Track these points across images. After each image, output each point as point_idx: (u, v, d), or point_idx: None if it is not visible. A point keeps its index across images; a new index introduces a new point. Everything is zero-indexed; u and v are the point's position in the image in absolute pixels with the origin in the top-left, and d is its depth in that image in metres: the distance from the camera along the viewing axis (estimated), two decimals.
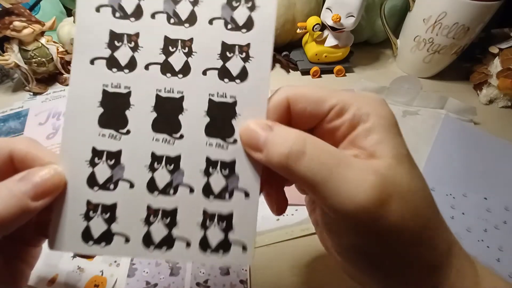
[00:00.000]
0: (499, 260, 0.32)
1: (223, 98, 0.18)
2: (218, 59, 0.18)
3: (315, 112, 0.17)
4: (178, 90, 0.17)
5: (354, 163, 0.15)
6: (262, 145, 0.16)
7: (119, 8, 0.17)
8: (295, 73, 0.56)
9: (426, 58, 0.53)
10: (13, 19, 0.41)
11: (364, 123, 0.16)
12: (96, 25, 0.17)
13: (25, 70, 0.45)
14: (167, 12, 0.17)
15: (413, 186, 0.16)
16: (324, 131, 0.18)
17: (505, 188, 0.38)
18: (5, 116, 0.44)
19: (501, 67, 0.48)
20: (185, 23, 0.17)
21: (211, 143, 0.17)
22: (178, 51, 0.17)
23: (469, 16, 0.45)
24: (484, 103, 0.52)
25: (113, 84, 0.17)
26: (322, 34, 0.52)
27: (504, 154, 0.42)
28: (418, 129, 0.46)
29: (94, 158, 0.17)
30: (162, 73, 0.17)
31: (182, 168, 0.17)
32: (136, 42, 0.17)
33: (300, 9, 0.53)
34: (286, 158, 0.15)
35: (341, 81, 0.55)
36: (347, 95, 0.17)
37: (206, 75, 0.17)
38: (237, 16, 0.18)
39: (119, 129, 0.17)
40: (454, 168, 0.40)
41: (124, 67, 0.17)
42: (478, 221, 0.35)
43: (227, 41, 0.18)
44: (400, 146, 0.16)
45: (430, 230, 0.16)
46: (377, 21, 0.57)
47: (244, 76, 0.18)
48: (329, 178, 0.15)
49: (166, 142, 0.17)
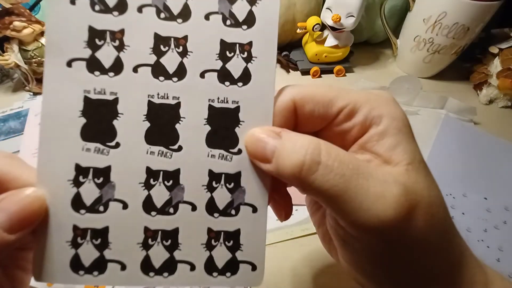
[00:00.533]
0: (499, 260, 0.32)
1: (225, 104, 0.16)
2: (217, 59, 0.16)
3: (323, 115, 0.16)
4: (174, 96, 0.15)
5: (374, 173, 0.14)
6: (271, 155, 0.15)
7: (99, 0, 0.15)
8: (295, 73, 0.56)
9: (426, 58, 0.53)
10: (13, 19, 0.41)
11: (377, 125, 0.15)
12: (72, 20, 0.14)
13: (25, 70, 0.45)
14: (156, 5, 0.15)
15: (432, 194, 0.15)
16: (332, 133, 0.17)
17: (505, 188, 0.38)
18: (5, 116, 0.44)
19: (501, 67, 0.48)
20: (178, 18, 0.15)
21: (214, 155, 0.16)
22: (171, 51, 0.15)
23: (469, 16, 0.45)
24: (484, 103, 0.52)
25: (96, 90, 0.15)
26: (322, 34, 0.52)
27: (504, 154, 0.42)
28: (418, 129, 0.45)
29: (78, 176, 0.15)
30: (154, 77, 0.15)
31: (182, 183, 0.16)
32: (121, 40, 0.15)
33: (300, 9, 0.53)
34: (299, 169, 0.14)
35: (341, 81, 0.55)
36: (357, 94, 0.16)
37: (204, 78, 0.16)
38: (236, 10, 0.16)
39: (106, 142, 0.15)
40: (454, 168, 0.40)
41: (108, 69, 0.15)
42: (478, 221, 0.35)
43: (226, 39, 0.16)
44: (415, 151, 0.15)
45: (446, 238, 0.15)
46: (377, 21, 0.57)
47: (247, 79, 0.16)
48: (348, 191, 0.13)
49: (163, 155, 0.15)
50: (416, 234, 0.14)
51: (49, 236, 0.15)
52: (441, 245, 0.15)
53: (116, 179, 0.15)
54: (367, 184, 0.14)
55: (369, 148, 0.15)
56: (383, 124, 0.15)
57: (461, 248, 0.16)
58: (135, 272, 0.15)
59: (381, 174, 0.14)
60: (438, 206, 0.15)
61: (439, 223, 0.15)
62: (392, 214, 0.13)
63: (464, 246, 0.17)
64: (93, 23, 0.15)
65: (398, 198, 0.13)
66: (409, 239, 0.14)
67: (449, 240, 0.16)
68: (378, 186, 0.14)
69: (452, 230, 0.16)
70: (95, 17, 0.15)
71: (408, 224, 0.14)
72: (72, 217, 0.15)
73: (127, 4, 0.15)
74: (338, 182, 0.13)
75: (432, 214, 0.14)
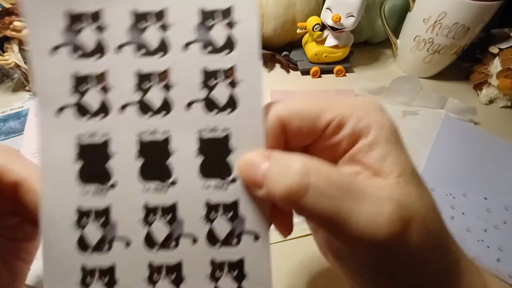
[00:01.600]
0: (499, 260, 0.32)
1: (214, 133, 0.15)
2: (201, 89, 0.15)
3: (311, 130, 0.16)
4: (162, 131, 0.15)
5: (366, 190, 0.14)
6: (261, 180, 0.14)
7: (77, 46, 0.15)
8: (295, 73, 0.56)
9: (426, 58, 0.53)
10: (13, 19, 0.41)
11: (366, 137, 0.15)
12: (54, 70, 0.15)
13: (25, 70, 0.45)
14: (133, 42, 0.15)
15: (425, 205, 0.15)
16: (322, 147, 0.16)
17: (505, 188, 0.38)
18: (5, 116, 0.44)
19: (501, 67, 0.48)
20: (157, 52, 0.15)
21: (209, 185, 0.16)
22: (155, 86, 0.15)
23: (469, 16, 0.45)
24: (484, 103, 0.52)
25: (87, 134, 0.15)
26: (322, 34, 0.52)
27: (504, 154, 0.42)
28: (418, 129, 0.46)
29: (80, 219, 0.15)
30: (141, 114, 0.15)
31: (180, 217, 0.16)
32: (105, 82, 0.15)
33: (300, 9, 0.53)
34: (288, 193, 0.13)
35: (341, 81, 0.55)
36: (344, 105, 0.16)
37: (191, 109, 0.15)
38: (215, 36, 0.15)
39: (103, 183, 0.15)
40: (454, 168, 0.40)
41: (96, 112, 0.15)
42: (478, 221, 0.35)
43: (208, 66, 0.15)
44: (406, 161, 0.15)
45: (441, 250, 0.15)
46: (377, 21, 0.57)
47: (234, 105, 0.15)
48: (341, 213, 0.13)
49: (158, 191, 0.15)
50: (411, 249, 0.14)
51: (59, 280, 0.15)
52: (437, 257, 0.15)
53: (117, 218, 0.15)
54: (360, 204, 0.13)
55: (359, 159, 0.15)
56: (372, 135, 0.15)
57: (457, 256, 0.16)
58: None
59: (372, 191, 0.14)
60: (432, 217, 0.15)
61: (433, 235, 0.15)
62: (386, 233, 0.13)
63: (459, 253, 0.16)
64: (75, 70, 0.15)
65: (391, 216, 0.13)
66: (404, 255, 0.14)
67: (445, 251, 0.15)
68: (370, 205, 0.13)
69: (447, 238, 0.16)
70: (76, 64, 0.15)
71: (403, 241, 0.13)
72: (79, 259, 0.15)
73: (105, 45, 0.15)
74: (330, 204, 0.13)
75: (426, 227, 0.14)
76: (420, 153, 0.42)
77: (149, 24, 0.15)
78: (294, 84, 0.54)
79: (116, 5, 0.15)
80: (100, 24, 0.15)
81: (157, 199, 0.15)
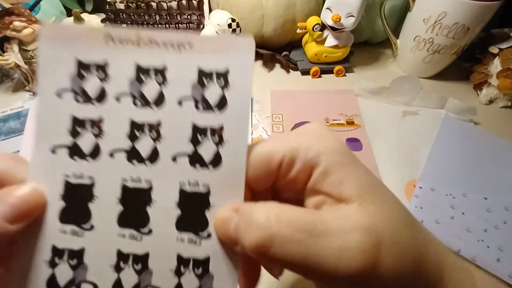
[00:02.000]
0: (499, 260, 0.32)
1: (195, 187, 0.16)
2: (189, 143, 0.16)
3: (267, 172, 0.16)
4: (146, 179, 0.16)
5: (330, 225, 0.14)
6: (234, 236, 0.14)
7: (81, 92, 0.16)
8: (295, 73, 0.56)
9: (426, 58, 0.53)
10: (13, 19, 0.41)
11: (318, 166, 0.15)
12: (58, 111, 0.16)
13: (25, 70, 0.45)
14: (133, 94, 0.16)
15: (391, 219, 0.14)
16: (284, 184, 0.16)
17: (505, 188, 0.38)
18: (5, 116, 0.44)
19: (501, 67, 0.48)
20: (153, 105, 0.16)
21: (183, 239, 0.16)
22: (146, 136, 0.16)
23: (469, 16, 0.45)
24: (484, 103, 0.52)
25: (75, 175, 0.16)
26: (322, 34, 0.52)
27: (504, 154, 0.42)
28: (418, 129, 0.46)
29: (54, 258, 0.15)
30: (129, 161, 0.16)
31: (150, 267, 0.16)
32: (100, 128, 0.16)
33: (300, 9, 0.53)
34: (256, 249, 0.13)
35: (341, 81, 0.55)
36: (291, 139, 0.16)
37: (176, 161, 0.16)
38: (208, 95, 0.16)
39: (81, 224, 0.15)
40: (454, 168, 0.40)
41: (87, 155, 0.16)
42: (478, 221, 0.35)
43: (198, 123, 0.16)
44: (362, 178, 0.15)
45: (420, 264, 0.14)
46: (377, 21, 0.57)
47: (218, 162, 0.16)
48: (310, 255, 0.13)
49: (133, 238, 0.16)
50: (387, 274, 0.13)
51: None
52: (415, 267, 0.14)
53: (89, 261, 0.15)
54: (326, 241, 0.13)
55: (319, 189, 0.15)
56: (323, 163, 0.15)
57: (439, 258, 0.15)
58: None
59: (337, 223, 0.14)
60: (403, 229, 0.14)
61: (408, 245, 0.14)
62: (360, 264, 0.13)
63: (442, 254, 0.16)
64: (76, 113, 0.16)
65: (362, 245, 0.13)
66: (382, 280, 0.13)
67: (422, 258, 0.15)
68: (338, 240, 0.13)
69: (425, 243, 0.15)
70: (78, 108, 0.16)
71: (377, 267, 0.13)
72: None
73: (106, 94, 0.16)
74: (297, 249, 0.13)
75: (397, 242, 0.14)
76: (420, 153, 0.42)
77: (150, 78, 0.16)
78: (294, 84, 0.54)
79: (121, 58, 0.16)
80: (104, 74, 0.16)
81: (131, 247, 0.16)
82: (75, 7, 0.62)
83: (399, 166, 0.41)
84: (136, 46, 0.16)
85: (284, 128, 0.45)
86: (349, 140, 0.44)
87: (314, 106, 0.49)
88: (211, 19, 0.49)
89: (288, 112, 0.47)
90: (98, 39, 0.16)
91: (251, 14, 0.52)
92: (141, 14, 0.54)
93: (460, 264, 0.16)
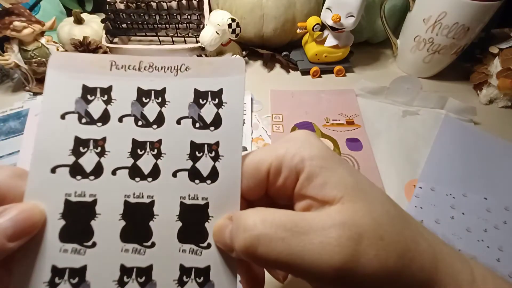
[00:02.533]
0: (499, 260, 0.32)
1: (195, 201, 0.17)
2: (188, 159, 0.17)
3: (257, 181, 0.17)
4: (148, 195, 0.16)
5: (313, 223, 0.14)
6: (230, 243, 0.15)
7: (86, 114, 0.16)
8: (295, 73, 0.56)
9: (426, 58, 0.53)
10: (13, 19, 0.41)
11: (302, 171, 0.16)
12: (60, 132, 0.16)
13: (25, 70, 0.46)
14: (134, 114, 0.17)
15: (376, 215, 0.15)
16: (275, 191, 0.17)
17: (505, 188, 0.38)
18: (5, 116, 0.44)
19: (501, 67, 0.48)
20: (153, 124, 0.17)
21: (185, 249, 0.16)
22: (147, 154, 0.17)
23: (469, 16, 0.45)
24: (484, 103, 0.52)
25: (76, 193, 0.16)
26: (322, 34, 0.52)
27: (504, 154, 0.42)
28: (418, 129, 0.46)
29: (54, 278, 0.15)
30: (131, 178, 0.16)
31: (154, 279, 0.16)
32: (103, 147, 0.16)
33: (300, 9, 0.53)
34: (245, 249, 0.14)
35: (341, 81, 0.55)
36: (278, 147, 0.17)
37: (177, 177, 0.17)
38: (204, 114, 0.17)
39: (83, 242, 0.16)
40: (454, 168, 0.40)
41: (89, 173, 0.16)
42: (478, 221, 0.35)
43: (195, 140, 0.17)
44: (345, 179, 0.15)
45: (409, 258, 0.15)
46: (377, 21, 0.57)
47: (215, 176, 0.17)
48: (294, 252, 0.14)
49: (136, 252, 0.16)
50: (369, 267, 0.14)
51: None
52: (403, 262, 0.14)
53: (91, 278, 0.16)
54: (309, 238, 0.14)
55: (305, 193, 0.16)
56: (307, 168, 0.16)
57: (433, 250, 0.16)
58: None
59: (319, 221, 0.14)
60: (387, 224, 0.15)
61: (392, 240, 0.14)
62: (340, 257, 0.13)
63: (437, 247, 0.16)
64: (79, 134, 0.16)
65: (339, 241, 0.13)
66: (363, 274, 0.14)
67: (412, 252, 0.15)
68: (319, 236, 0.14)
69: (414, 238, 0.15)
70: (81, 129, 0.16)
71: (358, 262, 0.14)
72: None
73: (110, 115, 0.17)
74: (282, 247, 0.14)
75: (381, 237, 0.14)
76: (420, 153, 0.42)
77: (150, 100, 0.17)
78: (294, 84, 0.54)
79: (124, 82, 0.17)
80: (108, 97, 0.17)
81: (134, 261, 0.16)
82: (75, 7, 0.62)
83: (399, 166, 0.41)
84: (137, 71, 0.17)
85: (284, 128, 0.45)
86: (349, 140, 0.44)
87: (314, 106, 0.49)
88: (211, 19, 0.48)
89: (288, 112, 0.48)
90: (104, 66, 0.17)
91: (251, 14, 0.52)
92: (141, 14, 0.54)
93: (457, 255, 0.16)
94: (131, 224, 0.16)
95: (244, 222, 0.15)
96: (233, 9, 0.53)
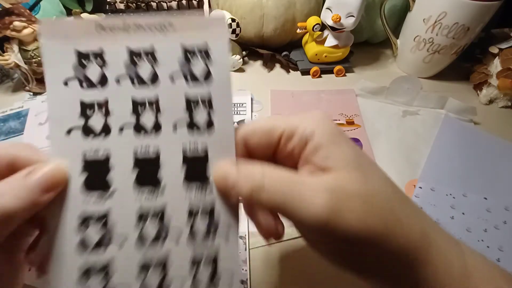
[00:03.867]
0: (499, 260, 0.32)
1: (195, 149, 0.19)
2: (185, 112, 0.19)
3: (268, 142, 0.19)
4: (154, 146, 0.18)
5: (307, 181, 0.17)
6: (232, 184, 0.18)
7: (85, 79, 0.18)
8: (295, 73, 0.56)
9: (426, 58, 0.53)
10: (13, 19, 0.41)
11: (311, 141, 0.18)
12: (67, 98, 0.18)
13: (25, 70, 0.46)
14: (130, 75, 0.18)
15: (367, 188, 0.17)
16: (283, 155, 0.20)
17: (505, 188, 0.38)
18: (5, 116, 0.44)
19: (501, 67, 0.48)
20: (149, 83, 0.18)
21: (191, 189, 0.19)
22: (147, 111, 0.18)
23: (469, 16, 0.45)
24: (484, 103, 0.52)
25: (92, 150, 0.18)
26: (322, 34, 0.52)
27: (504, 154, 0.42)
28: (418, 129, 0.46)
29: (81, 224, 0.18)
30: (136, 134, 0.18)
31: (168, 217, 0.19)
32: (107, 108, 0.18)
33: (300, 9, 0.53)
34: (251, 193, 0.17)
35: (341, 81, 0.55)
36: (293, 119, 0.19)
37: (177, 129, 0.19)
38: (195, 69, 0.19)
39: (104, 191, 0.18)
40: (454, 168, 0.40)
41: (99, 133, 0.18)
42: (478, 221, 0.35)
43: (189, 95, 0.19)
44: (347, 153, 0.18)
45: (393, 224, 0.17)
46: (377, 21, 0.57)
47: (211, 126, 0.19)
48: (288, 200, 0.17)
49: (150, 196, 0.18)
50: (348, 227, 0.16)
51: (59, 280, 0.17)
52: (388, 230, 0.16)
53: (114, 221, 0.18)
54: (301, 190, 0.17)
55: (310, 160, 0.18)
56: (315, 139, 0.18)
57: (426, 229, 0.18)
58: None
59: (313, 180, 0.17)
60: (377, 194, 0.17)
61: (377, 206, 0.17)
62: (320, 211, 0.16)
63: (430, 227, 0.18)
64: (83, 98, 0.18)
65: (324, 199, 0.16)
66: (343, 231, 0.16)
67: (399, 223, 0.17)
68: (310, 193, 0.16)
69: (404, 211, 0.17)
70: (84, 93, 0.18)
71: (337, 218, 0.16)
72: (77, 260, 0.17)
73: (107, 78, 0.18)
74: (281, 196, 0.17)
75: (371, 204, 0.17)
76: (420, 153, 0.42)
77: (142, 60, 0.18)
78: (294, 84, 0.54)
79: (114, 44, 0.18)
80: (102, 60, 0.18)
81: (149, 203, 0.18)
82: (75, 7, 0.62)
83: (399, 166, 0.41)
84: (125, 32, 0.18)
85: None
86: None
87: (314, 106, 0.49)
88: None
89: (288, 112, 0.48)
90: (90, 29, 0.18)
91: (251, 14, 0.52)
92: (141, 14, 0.54)
93: (449, 238, 0.19)
94: (142, 173, 0.18)
95: (252, 171, 0.18)
96: (233, 9, 0.53)
